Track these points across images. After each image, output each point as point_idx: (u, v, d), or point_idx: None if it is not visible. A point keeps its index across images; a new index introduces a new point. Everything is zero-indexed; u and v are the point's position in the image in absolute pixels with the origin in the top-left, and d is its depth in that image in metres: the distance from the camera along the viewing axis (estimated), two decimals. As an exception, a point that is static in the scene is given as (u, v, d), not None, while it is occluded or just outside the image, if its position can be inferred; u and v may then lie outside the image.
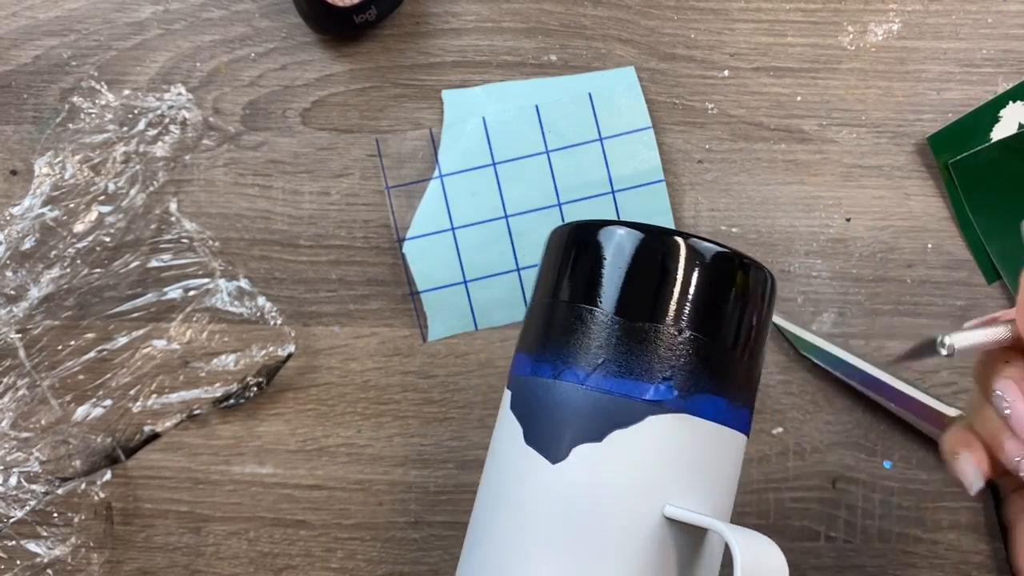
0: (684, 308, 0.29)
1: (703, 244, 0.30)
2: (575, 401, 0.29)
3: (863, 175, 0.44)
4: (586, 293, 0.30)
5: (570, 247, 0.32)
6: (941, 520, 0.43)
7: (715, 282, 0.30)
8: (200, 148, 0.44)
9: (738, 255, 0.31)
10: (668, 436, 0.29)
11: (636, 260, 0.30)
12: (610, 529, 0.28)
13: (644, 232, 0.30)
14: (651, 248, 0.30)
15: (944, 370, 0.43)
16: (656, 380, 0.29)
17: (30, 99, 0.44)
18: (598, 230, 0.31)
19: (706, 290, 0.30)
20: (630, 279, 0.30)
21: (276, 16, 0.45)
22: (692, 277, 0.30)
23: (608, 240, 0.30)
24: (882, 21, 0.45)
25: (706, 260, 0.30)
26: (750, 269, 0.31)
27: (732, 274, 0.31)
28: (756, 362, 0.32)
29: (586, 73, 0.44)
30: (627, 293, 0.30)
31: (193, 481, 0.43)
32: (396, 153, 0.44)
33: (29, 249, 0.43)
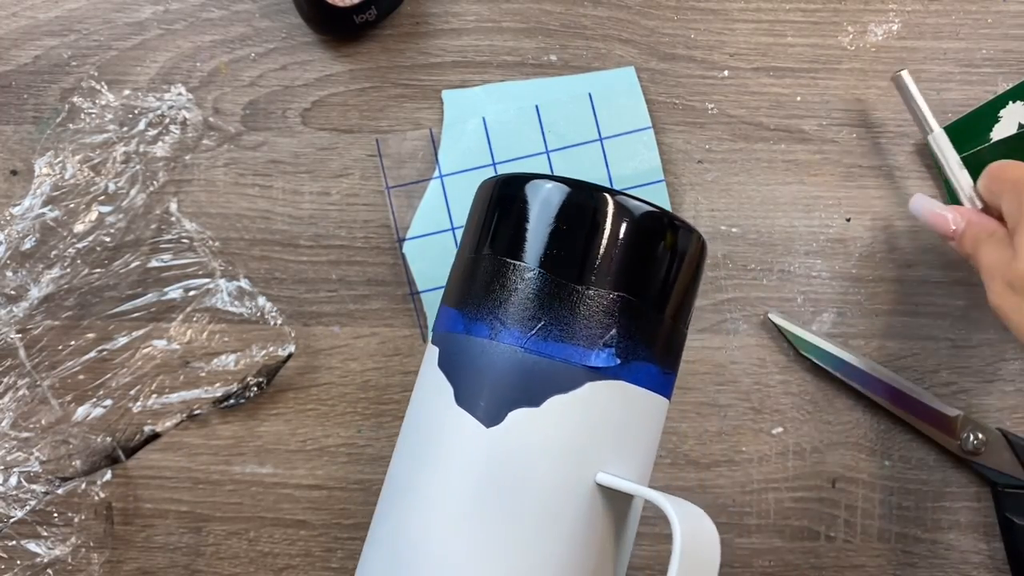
0: (621, 271, 0.29)
1: (632, 203, 0.29)
2: (513, 364, 0.28)
3: (863, 175, 0.44)
4: (524, 249, 0.29)
5: (505, 199, 0.31)
6: (941, 520, 0.43)
7: (649, 242, 0.30)
8: (200, 148, 0.44)
9: (668, 215, 0.30)
10: (605, 403, 0.28)
11: (570, 218, 0.29)
12: (541, 495, 0.27)
13: (573, 188, 0.29)
14: (581, 205, 0.29)
15: (944, 370, 0.43)
16: (597, 346, 0.28)
17: (30, 99, 0.44)
18: (526, 183, 0.30)
19: (641, 251, 0.29)
20: (567, 238, 0.29)
21: (276, 16, 0.45)
22: (625, 238, 0.29)
23: (543, 195, 0.30)
24: (882, 21, 0.45)
25: (636, 220, 0.29)
26: (680, 230, 0.31)
27: (664, 234, 0.30)
28: (685, 327, 0.32)
29: (586, 73, 0.44)
30: (565, 253, 0.29)
31: (193, 481, 0.43)
32: (396, 153, 0.44)
33: (29, 249, 0.43)
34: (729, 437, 0.43)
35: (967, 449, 0.42)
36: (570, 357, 0.28)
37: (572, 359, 0.28)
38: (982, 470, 0.42)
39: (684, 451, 0.43)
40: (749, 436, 0.43)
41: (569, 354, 0.28)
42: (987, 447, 0.42)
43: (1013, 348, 0.43)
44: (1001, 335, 0.43)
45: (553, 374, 0.28)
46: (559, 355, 0.28)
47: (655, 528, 0.43)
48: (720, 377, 0.43)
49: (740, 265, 0.44)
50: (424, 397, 0.31)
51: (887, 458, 0.43)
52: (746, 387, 0.43)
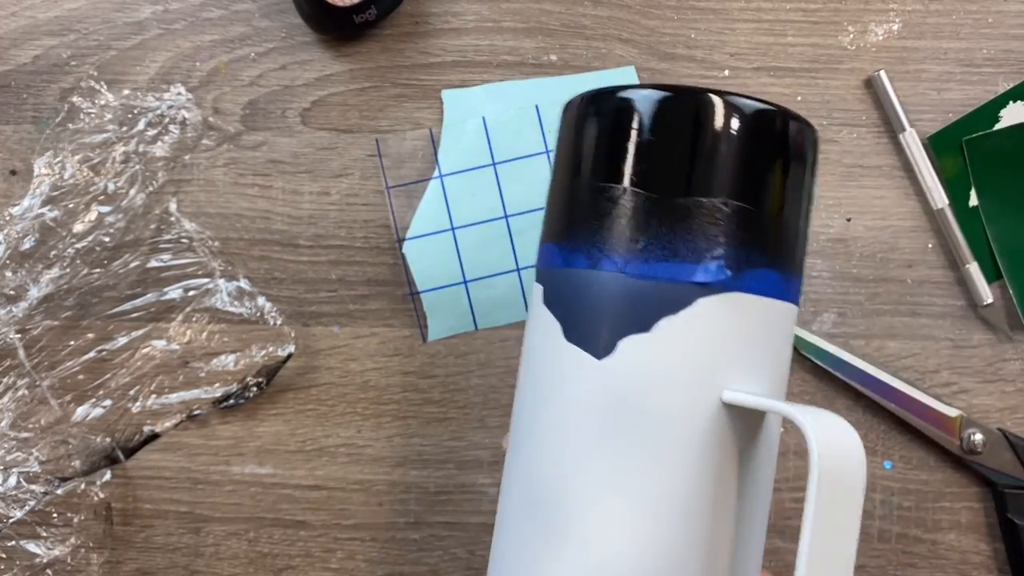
0: (727, 176, 0.26)
1: (741, 101, 0.27)
2: (617, 291, 0.27)
3: (864, 175, 0.44)
4: (612, 169, 0.27)
5: (589, 118, 0.29)
6: (941, 520, 0.43)
7: (759, 144, 0.27)
8: (200, 148, 0.44)
9: (782, 110, 0.27)
10: (721, 318, 0.26)
11: (665, 126, 0.27)
12: (666, 422, 0.26)
13: (672, 92, 0.27)
14: (681, 110, 0.27)
15: (944, 370, 0.43)
16: (704, 260, 0.26)
17: (30, 99, 0.44)
18: (616, 95, 0.28)
19: (750, 154, 0.27)
20: (662, 149, 0.27)
21: (276, 16, 0.45)
22: (732, 141, 0.26)
23: (631, 106, 0.27)
24: (882, 21, 0.45)
25: (746, 119, 0.26)
26: (795, 125, 0.28)
27: (776, 134, 0.27)
28: (805, 225, 0.29)
29: (586, 73, 0.44)
30: (660, 165, 0.27)
31: (193, 481, 0.43)
32: (396, 153, 0.44)
33: (29, 249, 0.43)
34: (729, 437, 0.43)
35: (968, 449, 0.42)
36: (676, 275, 0.26)
37: (679, 277, 0.26)
38: (983, 470, 0.42)
39: (684, 451, 0.43)
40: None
41: (675, 272, 0.26)
42: (988, 447, 0.42)
43: (1013, 348, 0.43)
44: (1001, 335, 0.43)
45: (660, 295, 0.26)
46: (664, 275, 0.26)
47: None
48: (720, 377, 0.43)
49: (740, 265, 0.44)
50: (534, 337, 0.29)
51: (887, 458, 0.43)
52: (746, 387, 0.43)
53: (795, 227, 0.28)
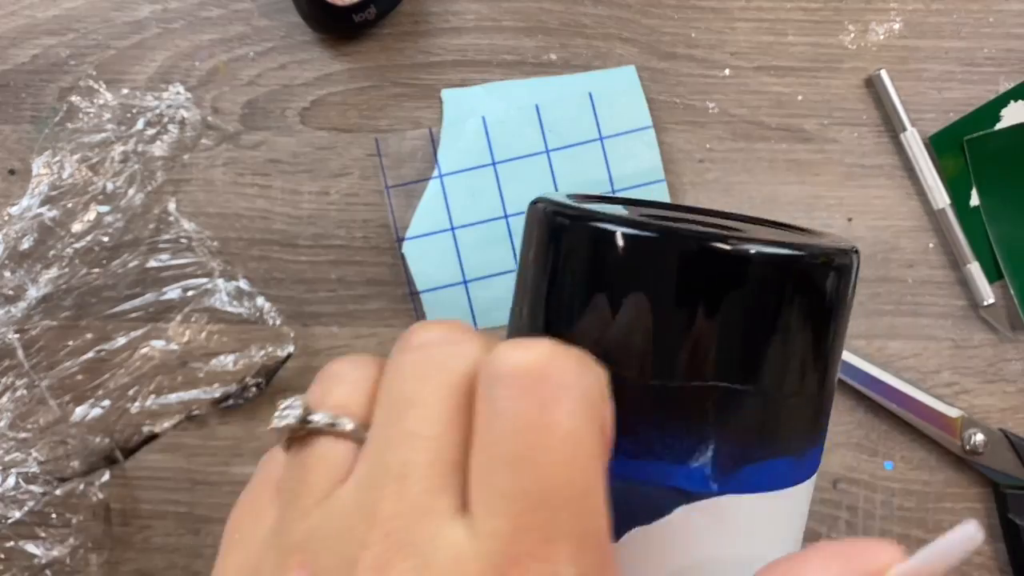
0: (718, 353, 0.20)
1: (749, 248, 0.19)
2: None
3: (865, 175, 0.44)
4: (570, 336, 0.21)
5: (545, 255, 0.22)
6: (943, 521, 0.43)
7: (766, 305, 0.20)
8: (199, 147, 0.44)
9: (802, 252, 0.20)
10: (706, 527, 0.21)
11: (628, 282, 0.20)
12: None
13: (650, 237, 0.20)
14: (661, 263, 0.19)
15: (945, 370, 0.43)
16: (686, 459, 0.20)
17: (28, 98, 0.44)
18: (581, 231, 0.21)
19: (753, 320, 0.20)
20: (606, 312, 0.20)
21: (275, 15, 0.45)
22: (730, 305, 0.20)
23: (591, 246, 0.20)
24: (883, 20, 0.44)
25: (750, 275, 0.20)
26: (821, 270, 0.21)
27: (795, 286, 0.20)
28: (830, 385, 0.23)
29: (586, 72, 0.44)
30: (610, 337, 0.20)
31: (192, 482, 0.43)
32: (395, 152, 0.44)
33: (27, 249, 0.43)
34: (730, 438, 0.43)
35: (969, 450, 0.42)
36: (651, 477, 0.20)
37: (654, 480, 0.20)
38: (984, 471, 0.42)
39: (685, 452, 0.43)
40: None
41: (649, 474, 0.20)
42: (989, 448, 0.42)
43: (1015, 348, 0.43)
44: (1002, 335, 0.43)
45: (630, 500, 0.20)
46: (636, 476, 0.20)
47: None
48: (721, 377, 0.43)
49: (741, 265, 0.44)
50: None
51: (888, 459, 0.43)
52: (747, 387, 0.43)
53: (816, 394, 0.21)
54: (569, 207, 0.22)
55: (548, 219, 0.22)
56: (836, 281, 0.21)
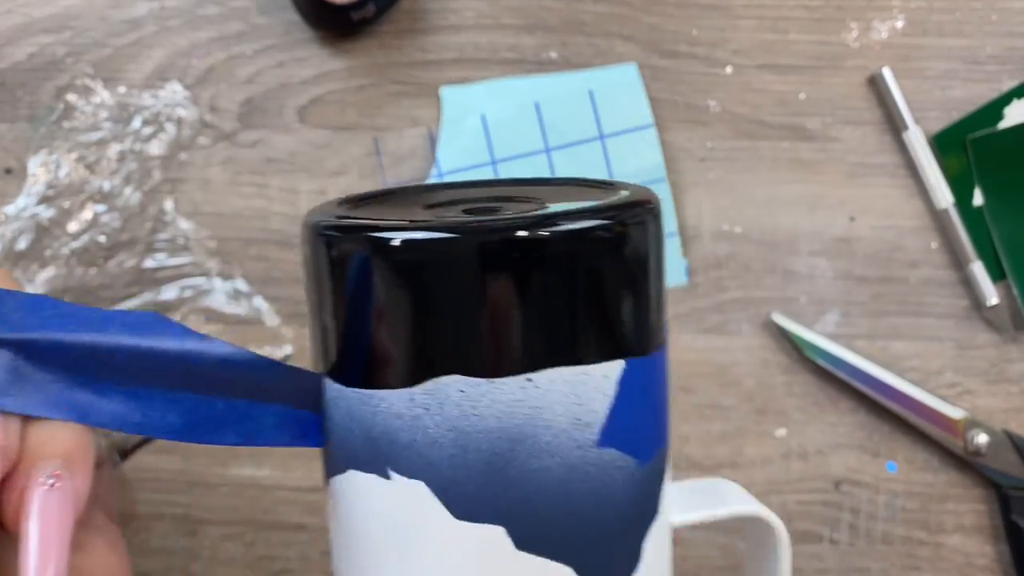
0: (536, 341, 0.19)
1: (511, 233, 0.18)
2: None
3: (867, 174, 0.44)
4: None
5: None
6: (945, 522, 0.43)
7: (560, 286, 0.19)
8: (196, 146, 0.44)
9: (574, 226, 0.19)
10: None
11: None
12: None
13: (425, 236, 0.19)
14: (454, 266, 0.19)
15: (948, 371, 0.43)
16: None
17: (24, 97, 0.44)
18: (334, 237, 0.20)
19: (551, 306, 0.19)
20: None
21: (273, 13, 0.44)
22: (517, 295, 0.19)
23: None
24: (886, 18, 0.44)
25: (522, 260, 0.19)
26: (597, 241, 0.19)
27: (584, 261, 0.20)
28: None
29: (587, 70, 0.44)
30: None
31: (189, 484, 0.42)
32: (394, 151, 0.44)
33: (23, 249, 0.42)
34: (732, 439, 0.43)
35: (972, 451, 0.42)
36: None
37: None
38: (987, 472, 0.42)
39: (686, 453, 0.43)
40: (752, 438, 0.43)
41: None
42: (992, 449, 0.42)
43: (1018, 349, 0.43)
44: (1006, 336, 0.43)
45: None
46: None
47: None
48: (722, 379, 0.43)
49: (743, 265, 0.43)
50: None
51: (891, 460, 0.43)
52: (749, 389, 0.43)
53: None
54: (332, 223, 0.20)
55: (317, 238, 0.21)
56: (616, 245, 0.20)
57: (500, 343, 0.19)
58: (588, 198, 0.22)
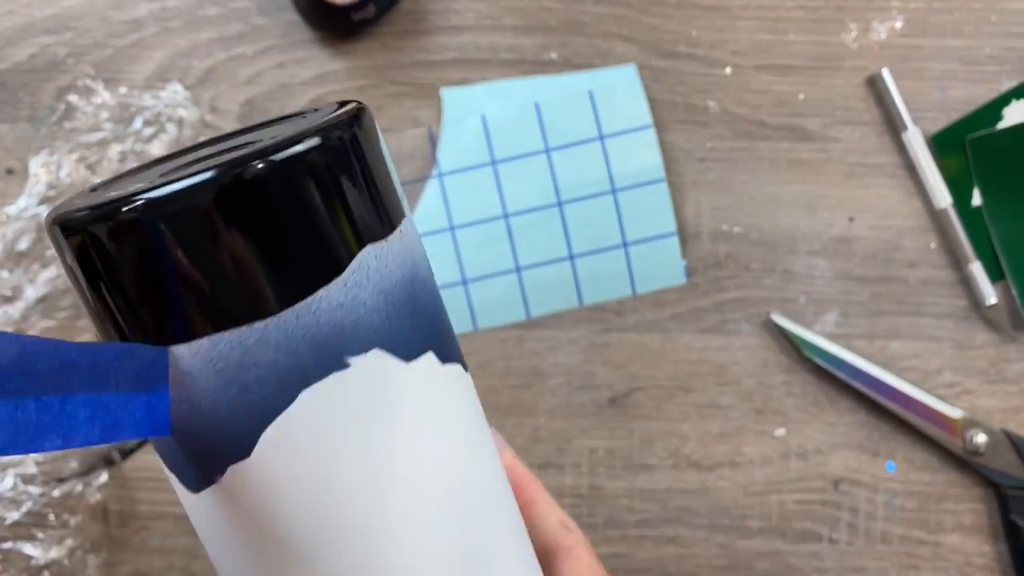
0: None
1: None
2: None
3: (866, 174, 0.44)
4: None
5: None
6: (944, 522, 0.43)
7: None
8: (197, 147, 0.44)
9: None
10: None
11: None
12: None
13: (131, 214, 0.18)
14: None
15: (947, 371, 0.43)
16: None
17: (26, 97, 0.44)
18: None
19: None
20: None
21: (274, 14, 0.44)
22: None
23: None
24: (885, 18, 0.44)
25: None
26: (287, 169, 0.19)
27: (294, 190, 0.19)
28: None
29: (587, 71, 0.44)
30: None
31: (190, 483, 0.43)
32: (395, 151, 0.44)
33: (24, 249, 0.43)
34: (731, 439, 0.43)
35: (970, 451, 0.42)
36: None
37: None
38: (986, 472, 0.42)
39: (686, 453, 0.43)
40: (751, 438, 0.43)
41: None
42: (991, 448, 0.42)
43: (1017, 349, 0.43)
44: (1004, 336, 0.43)
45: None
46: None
47: (655, 531, 0.43)
48: (722, 378, 0.43)
49: (742, 265, 0.43)
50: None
51: (890, 460, 0.43)
52: (748, 388, 0.43)
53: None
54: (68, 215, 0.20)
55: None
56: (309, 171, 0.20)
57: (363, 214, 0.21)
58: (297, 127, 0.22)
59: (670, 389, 0.43)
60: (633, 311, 0.43)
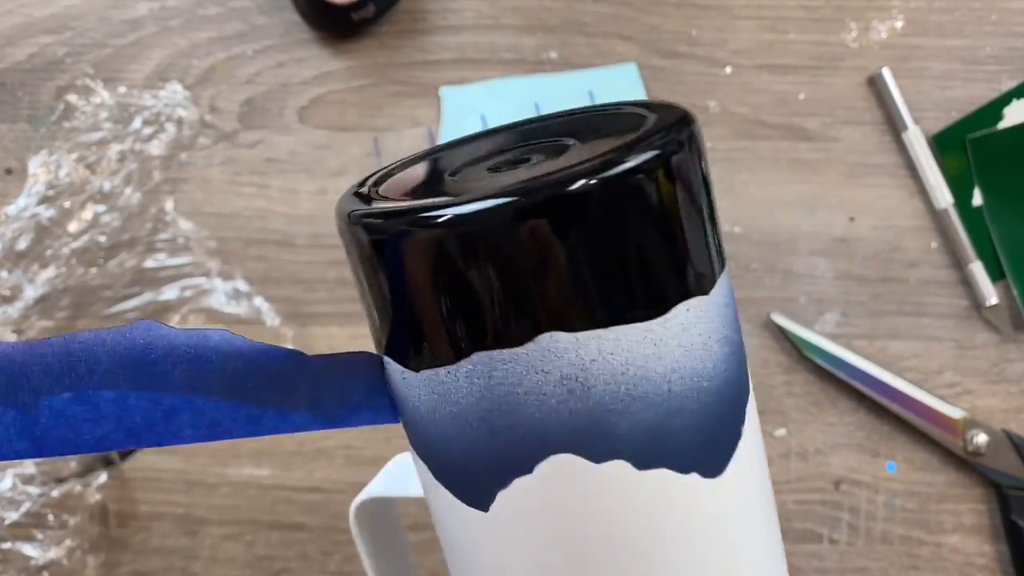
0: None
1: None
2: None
3: (867, 174, 0.44)
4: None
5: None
6: (945, 522, 0.43)
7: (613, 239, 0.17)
8: (196, 146, 0.44)
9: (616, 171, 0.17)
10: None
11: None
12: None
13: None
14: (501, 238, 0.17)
15: (948, 371, 0.43)
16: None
17: (25, 97, 0.44)
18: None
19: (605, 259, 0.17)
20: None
21: (273, 13, 0.44)
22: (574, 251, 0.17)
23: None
24: (885, 18, 0.44)
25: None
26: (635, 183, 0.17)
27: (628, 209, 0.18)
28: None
29: (587, 70, 0.44)
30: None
31: (189, 483, 0.42)
32: (394, 151, 0.44)
33: (24, 249, 0.43)
34: (731, 439, 0.43)
35: (971, 451, 0.42)
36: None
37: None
38: (986, 472, 0.42)
39: (685, 453, 0.43)
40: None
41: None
42: (991, 449, 0.42)
43: (1017, 349, 0.43)
44: (1005, 336, 0.43)
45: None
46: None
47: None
48: (722, 378, 0.43)
49: (743, 265, 0.43)
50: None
51: (890, 460, 0.43)
52: (748, 388, 0.43)
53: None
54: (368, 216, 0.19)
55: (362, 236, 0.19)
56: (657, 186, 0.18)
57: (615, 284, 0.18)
58: (615, 130, 0.20)
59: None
60: (633, 311, 0.43)
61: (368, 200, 0.20)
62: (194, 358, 0.19)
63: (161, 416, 0.18)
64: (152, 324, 0.18)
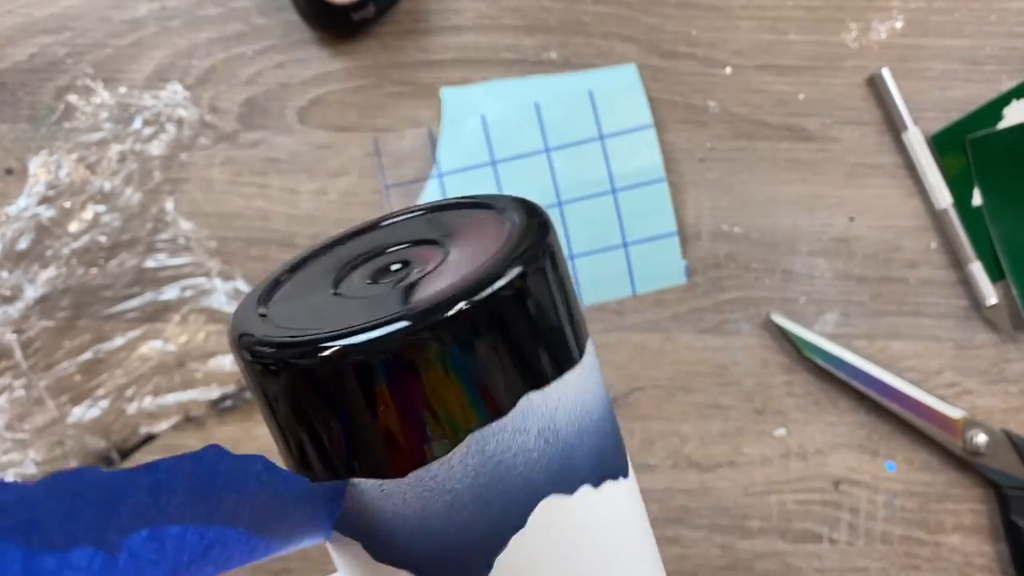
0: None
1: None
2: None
3: (866, 174, 0.44)
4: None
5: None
6: (944, 522, 0.43)
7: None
8: (196, 147, 0.44)
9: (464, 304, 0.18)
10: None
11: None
12: None
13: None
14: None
15: (947, 371, 0.43)
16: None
17: (25, 97, 0.44)
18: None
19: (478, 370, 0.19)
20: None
21: (273, 13, 0.44)
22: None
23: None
24: (885, 18, 0.44)
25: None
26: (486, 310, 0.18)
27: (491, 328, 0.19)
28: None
29: (587, 71, 0.44)
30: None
31: (190, 483, 0.42)
32: (395, 152, 0.44)
33: (24, 249, 0.43)
34: (731, 439, 0.43)
35: (971, 451, 0.42)
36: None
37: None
38: (986, 472, 0.42)
39: (686, 453, 0.43)
40: (751, 438, 0.43)
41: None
42: (991, 449, 0.42)
43: (1017, 349, 0.43)
44: (1005, 336, 0.43)
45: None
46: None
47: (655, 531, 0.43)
48: (722, 378, 0.43)
49: (742, 265, 0.43)
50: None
51: (890, 460, 0.43)
52: (748, 388, 0.43)
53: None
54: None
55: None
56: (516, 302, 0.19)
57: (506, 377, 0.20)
58: (483, 233, 0.21)
59: (670, 389, 0.43)
60: (633, 311, 0.43)
61: (272, 324, 0.21)
62: (242, 486, 0.17)
63: (200, 552, 0.17)
64: (220, 450, 0.16)
